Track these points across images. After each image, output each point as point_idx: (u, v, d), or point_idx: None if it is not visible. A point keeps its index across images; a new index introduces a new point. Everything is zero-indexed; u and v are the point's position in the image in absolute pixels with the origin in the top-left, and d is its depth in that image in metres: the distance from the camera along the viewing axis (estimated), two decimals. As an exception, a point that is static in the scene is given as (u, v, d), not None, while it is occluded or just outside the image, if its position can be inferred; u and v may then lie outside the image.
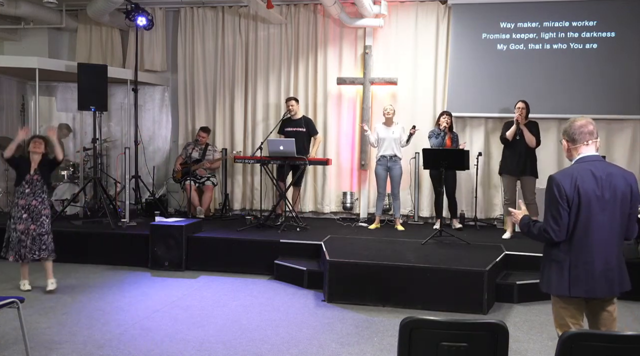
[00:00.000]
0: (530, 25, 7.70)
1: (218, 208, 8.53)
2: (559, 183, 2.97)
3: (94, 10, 7.98)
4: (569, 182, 2.95)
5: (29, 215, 5.41)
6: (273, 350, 4.17)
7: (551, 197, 2.99)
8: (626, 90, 7.49)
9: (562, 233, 2.97)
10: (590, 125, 3.05)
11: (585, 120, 3.08)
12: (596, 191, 2.94)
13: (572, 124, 3.08)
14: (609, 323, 3.06)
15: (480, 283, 5.13)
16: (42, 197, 5.50)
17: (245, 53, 8.61)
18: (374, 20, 7.95)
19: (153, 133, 9.05)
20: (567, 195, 2.94)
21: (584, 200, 2.93)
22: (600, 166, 3.00)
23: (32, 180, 5.45)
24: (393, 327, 4.59)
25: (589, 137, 3.03)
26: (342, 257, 5.59)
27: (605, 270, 2.96)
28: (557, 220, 2.95)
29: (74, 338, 4.32)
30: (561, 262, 3.01)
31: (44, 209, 5.50)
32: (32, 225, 5.41)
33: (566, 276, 2.99)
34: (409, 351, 2.35)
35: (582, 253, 2.97)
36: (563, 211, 2.95)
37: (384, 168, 7.26)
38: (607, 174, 2.97)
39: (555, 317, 3.13)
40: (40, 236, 5.45)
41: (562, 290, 3.01)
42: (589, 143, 3.04)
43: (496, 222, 7.93)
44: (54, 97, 9.11)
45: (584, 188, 2.94)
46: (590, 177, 2.95)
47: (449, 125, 7.20)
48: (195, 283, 5.99)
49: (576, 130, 3.05)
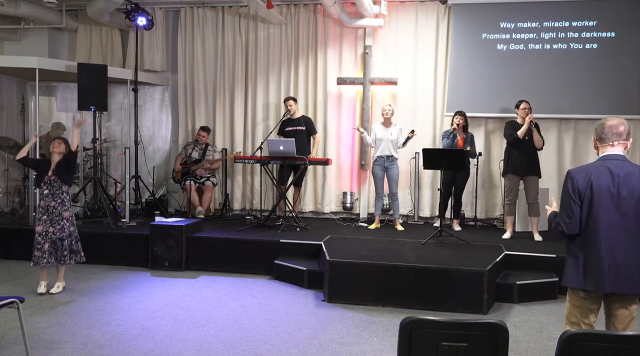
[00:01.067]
0: (530, 25, 7.70)
1: (218, 208, 8.53)
2: (573, 177, 3.04)
3: (94, 10, 7.98)
4: (583, 176, 3.02)
5: (48, 217, 5.36)
6: (273, 350, 4.17)
7: (565, 190, 3.07)
8: (626, 90, 7.49)
9: (574, 227, 3.03)
10: (622, 126, 3.07)
11: (618, 120, 3.10)
12: (611, 188, 2.97)
13: (603, 123, 3.10)
14: (627, 323, 3.05)
15: (480, 283, 5.13)
16: (61, 198, 5.42)
17: (245, 53, 8.61)
18: (374, 20, 7.95)
19: (153, 133, 9.05)
20: (580, 190, 3.01)
21: (596, 196, 2.98)
22: (620, 165, 3.01)
23: (50, 181, 5.41)
24: (393, 327, 4.59)
25: (615, 138, 3.06)
26: (342, 257, 5.59)
27: (615, 266, 2.96)
28: (569, 213, 3.04)
29: (74, 338, 4.32)
30: (577, 256, 3.07)
31: (64, 211, 5.42)
32: (50, 228, 5.35)
33: (581, 270, 3.04)
34: (409, 351, 2.34)
35: (594, 248, 3.01)
36: (574, 205, 3.02)
37: (381, 169, 7.25)
38: (625, 173, 2.98)
39: (567, 314, 3.17)
40: (61, 240, 5.38)
41: (576, 282, 3.06)
42: (614, 145, 3.06)
43: (496, 222, 7.93)
44: (54, 97, 9.11)
45: (598, 184, 2.98)
46: (606, 174, 2.99)
47: (462, 125, 7.17)
48: (195, 283, 5.99)
49: (605, 130, 3.08)
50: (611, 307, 3.08)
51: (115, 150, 8.87)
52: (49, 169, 5.42)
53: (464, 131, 7.22)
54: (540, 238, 6.65)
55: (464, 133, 7.21)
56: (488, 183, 8.02)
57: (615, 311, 3.07)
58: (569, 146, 7.83)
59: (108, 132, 8.90)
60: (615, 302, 3.05)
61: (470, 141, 7.20)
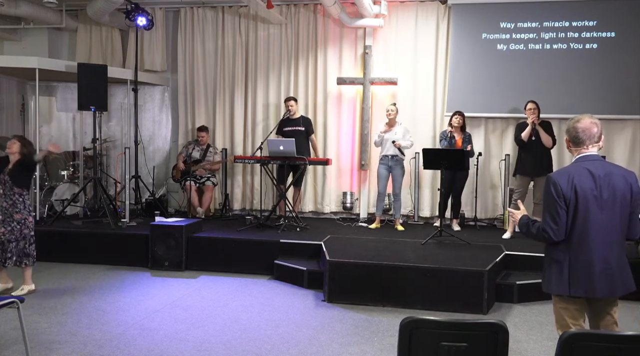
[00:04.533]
0: (530, 25, 7.70)
1: (218, 208, 8.53)
2: (555, 182, 2.96)
3: (94, 10, 7.98)
4: (565, 180, 2.94)
5: (1, 217, 5.25)
6: (273, 350, 4.17)
7: (548, 196, 2.98)
8: (626, 90, 7.48)
9: (561, 233, 2.95)
10: (594, 127, 3.00)
11: (589, 121, 3.02)
12: (594, 190, 2.92)
13: (575, 125, 3.04)
14: (610, 325, 3.04)
15: (480, 283, 5.13)
16: (12, 200, 5.25)
17: (245, 53, 8.61)
18: (374, 20, 7.94)
19: (153, 133, 9.05)
20: (564, 194, 2.93)
21: (581, 199, 2.92)
22: (599, 165, 2.98)
23: (4, 181, 5.29)
24: (393, 327, 4.59)
25: (589, 142, 3.01)
26: (342, 257, 5.59)
27: (605, 269, 2.93)
28: (556, 219, 2.94)
29: (74, 338, 4.32)
30: (561, 261, 2.99)
31: (15, 213, 5.26)
32: (1, 228, 5.26)
33: (566, 276, 2.97)
34: (409, 351, 2.34)
35: (581, 253, 2.95)
36: (561, 210, 2.93)
37: (385, 168, 7.25)
38: (605, 173, 2.94)
39: (556, 317, 3.12)
40: (9, 242, 5.25)
41: (562, 289, 2.99)
42: (588, 148, 3.02)
43: (496, 222, 7.92)
44: (54, 97, 9.11)
45: (581, 187, 2.92)
46: (587, 176, 2.94)
47: (460, 125, 7.17)
48: (195, 283, 5.99)
49: (579, 133, 3.02)
50: (595, 310, 3.05)
51: (115, 150, 8.87)
52: (5, 168, 5.30)
53: (462, 131, 7.23)
54: (541, 238, 6.63)
55: (462, 133, 7.21)
56: (488, 183, 8.02)
57: (599, 314, 3.04)
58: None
59: (108, 132, 8.91)
60: (599, 305, 3.03)
61: (468, 141, 7.19)
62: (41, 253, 6.80)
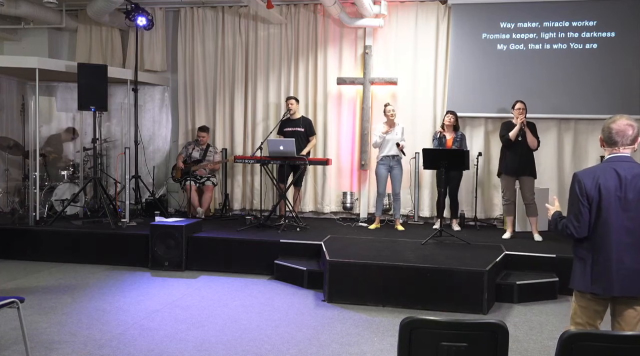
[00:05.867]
0: (530, 25, 7.70)
1: (218, 208, 8.53)
2: (580, 180, 3.01)
3: (94, 10, 7.97)
4: (590, 179, 2.98)
5: None
6: (273, 350, 4.17)
7: (573, 193, 3.04)
8: (626, 90, 7.49)
9: (583, 230, 3.00)
10: (630, 129, 2.99)
11: (625, 123, 3.01)
12: (618, 191, 2.94)
13: (609, 125, 3.03)
14: (634, 324, 3.02)
15: (480, 283, 5.13)
16: None
17: (245, 53, 8.61)
18: (374, 20, 7.95)
19: (153, 133, 9.05)
20: (588, 193, 2.97)
21: (604, 199, 2.95)
22: (627, 167, 2.98)
23: None
24: (393, 327, 4.59)
25: (621, 143, 3.01)
26: (342, 257, 5.59)
27: (624, 269, 2.94)
28: (578, 216, 3.01)
29: (74, 338, 4.32)
30: (584, 259, 3.05)
31: None
32: None
33: (588, 273, 3.02)
34: (409, 351, 2.34)
35: (602, 252, 2.98)
36: (583, 208, 2.98)
37: (385, 168, 7.26)
38: (633, 175, 2.94)
39: (572, 314, 3.16)
40: None
41: (583, 285, 3.04)
42: (620, 149, 3.02)
43: (496, 222, 7.93)
44: (54, 97, 9.11)
45: (606, 187, 2.95)
46: (613, 177, 2.96)
47: (451, 123, 7.18)
48: (195, 283, 5.99)
49: (612, 134, 3.01)
50: (617, 309, 3.06)
51: (115, 150, 8.87)
52: None
53: (454, 130, 7.23)
54: (540, 238, 6.65)
55: (454, 133, 7.21)
56: (487, 183, 8.02)
57: (622, 312, 3.04)
58: (569, 146, 7.83)
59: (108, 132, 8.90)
60: (622, 304, 3.03)
61: (460, 140, 7.19)
62: (41, 253, 6.84)
